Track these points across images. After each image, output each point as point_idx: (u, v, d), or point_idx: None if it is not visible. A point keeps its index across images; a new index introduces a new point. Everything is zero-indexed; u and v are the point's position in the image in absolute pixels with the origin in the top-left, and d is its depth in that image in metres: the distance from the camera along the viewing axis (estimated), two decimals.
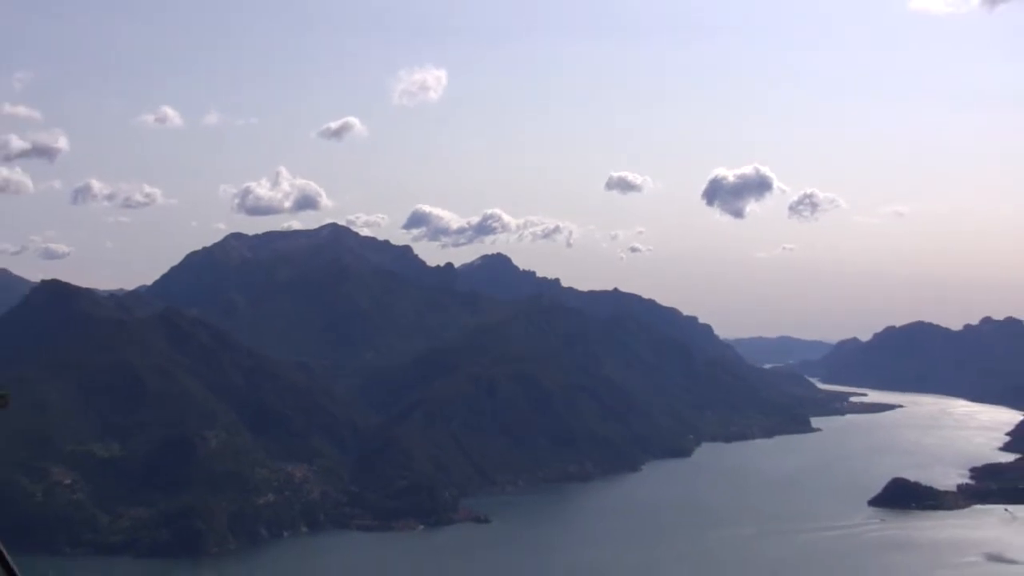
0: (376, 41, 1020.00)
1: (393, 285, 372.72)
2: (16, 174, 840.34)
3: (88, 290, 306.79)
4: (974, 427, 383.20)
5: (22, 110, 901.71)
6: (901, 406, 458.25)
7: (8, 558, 7.23)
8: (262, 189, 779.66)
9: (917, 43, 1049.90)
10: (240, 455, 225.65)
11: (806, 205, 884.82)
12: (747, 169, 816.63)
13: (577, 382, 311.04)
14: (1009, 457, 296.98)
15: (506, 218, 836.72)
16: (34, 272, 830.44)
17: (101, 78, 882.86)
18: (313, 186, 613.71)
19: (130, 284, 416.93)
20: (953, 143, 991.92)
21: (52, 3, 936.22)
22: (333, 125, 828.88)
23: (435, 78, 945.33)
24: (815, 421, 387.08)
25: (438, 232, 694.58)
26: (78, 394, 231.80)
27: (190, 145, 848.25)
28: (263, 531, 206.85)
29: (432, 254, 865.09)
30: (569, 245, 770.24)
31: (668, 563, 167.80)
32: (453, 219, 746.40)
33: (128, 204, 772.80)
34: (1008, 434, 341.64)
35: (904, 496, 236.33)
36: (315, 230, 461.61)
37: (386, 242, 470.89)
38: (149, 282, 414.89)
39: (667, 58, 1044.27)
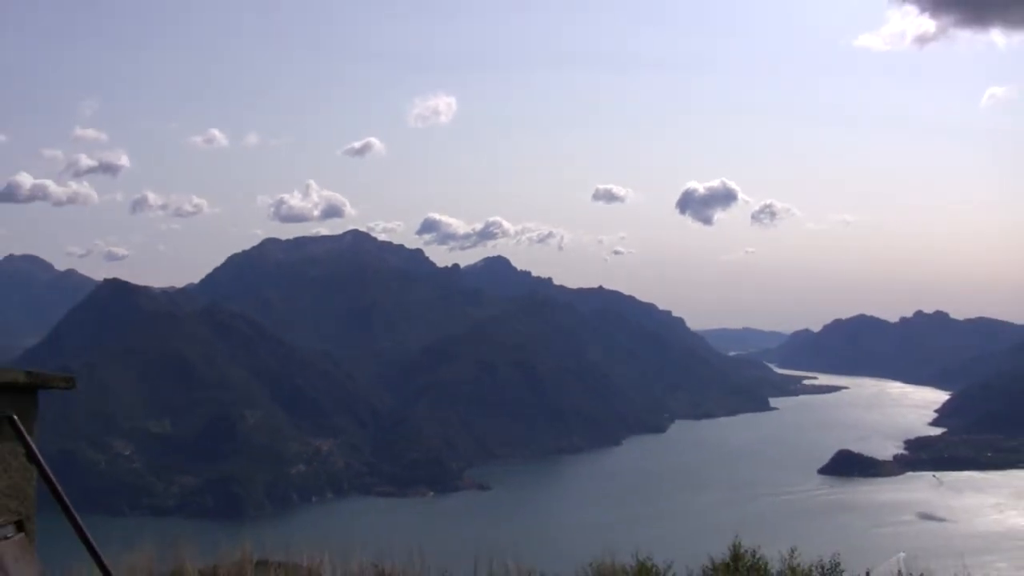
0: (395, 72, 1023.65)
1: (407, 283, 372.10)
2: (84, 187, 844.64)
3: (144, 287, 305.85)
4: (908, 405, 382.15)
5: (91, 132, 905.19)
6: (846, 388, 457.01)
7: (88, 534, 7.19)
8: (294, 200, 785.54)
9: (861, 75, 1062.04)
10: (275, 431, 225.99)
11: (766, 214, 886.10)
12: (715, 183, 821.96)
13: (567, 367, 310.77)
14: (937, 431, 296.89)
15: (506, 225, 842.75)
16: (98, 272, 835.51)
17: (158, 105, 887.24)
18: (338, 197, 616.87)
19: (180, 282, 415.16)
20: (892, 162, 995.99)
21: (117, 42, 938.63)
22: (356, 144, 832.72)
23: (445, 104, 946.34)
24: (773, 401, 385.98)
25: (446, 237, 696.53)
26: (136, 378, 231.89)
27: (233, 162, 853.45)
28: (295, 496, 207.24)
29: (441, 256, 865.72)
30: (560, 248, 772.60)
31: (648, 521, 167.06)
32: (460, 226, 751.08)
33: (179, 213, 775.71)
34: (936, 411, 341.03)
35: (848, 465, 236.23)
36: (340, 235, 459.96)
37: (401, 246, 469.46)
38: (196, 280, 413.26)
39: (647, 88, 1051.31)
